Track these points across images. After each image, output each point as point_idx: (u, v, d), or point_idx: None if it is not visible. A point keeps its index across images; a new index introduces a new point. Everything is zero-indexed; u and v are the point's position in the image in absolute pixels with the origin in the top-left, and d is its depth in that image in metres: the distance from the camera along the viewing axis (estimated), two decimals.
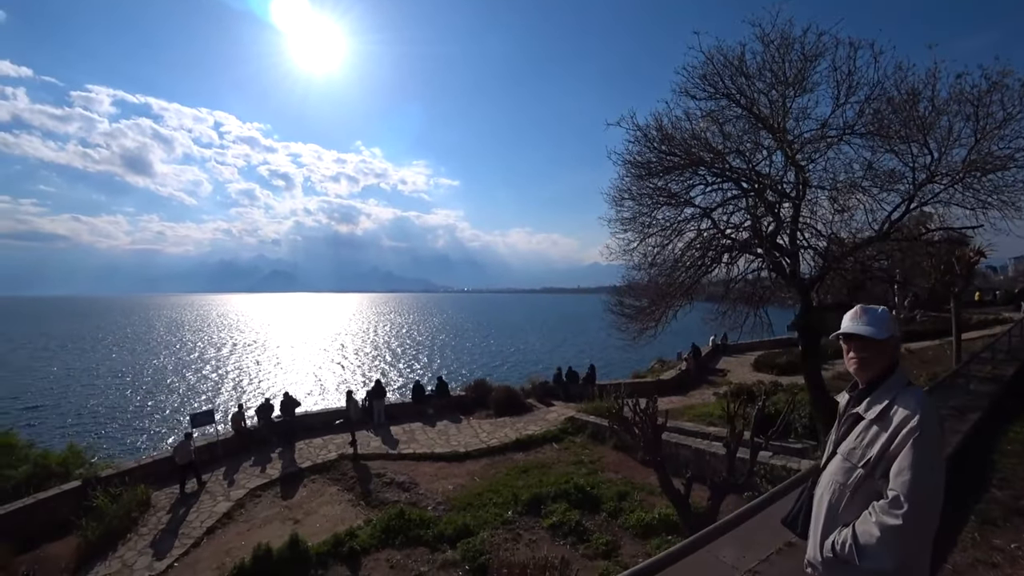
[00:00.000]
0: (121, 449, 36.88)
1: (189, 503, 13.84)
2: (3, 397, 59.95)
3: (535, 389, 23.66)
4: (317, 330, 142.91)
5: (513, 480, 13.99)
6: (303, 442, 17.79)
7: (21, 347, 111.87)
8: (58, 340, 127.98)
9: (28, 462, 15.76)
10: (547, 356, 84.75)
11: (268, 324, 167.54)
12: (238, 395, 57.02)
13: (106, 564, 11.29)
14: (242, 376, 69.85)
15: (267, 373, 72.23)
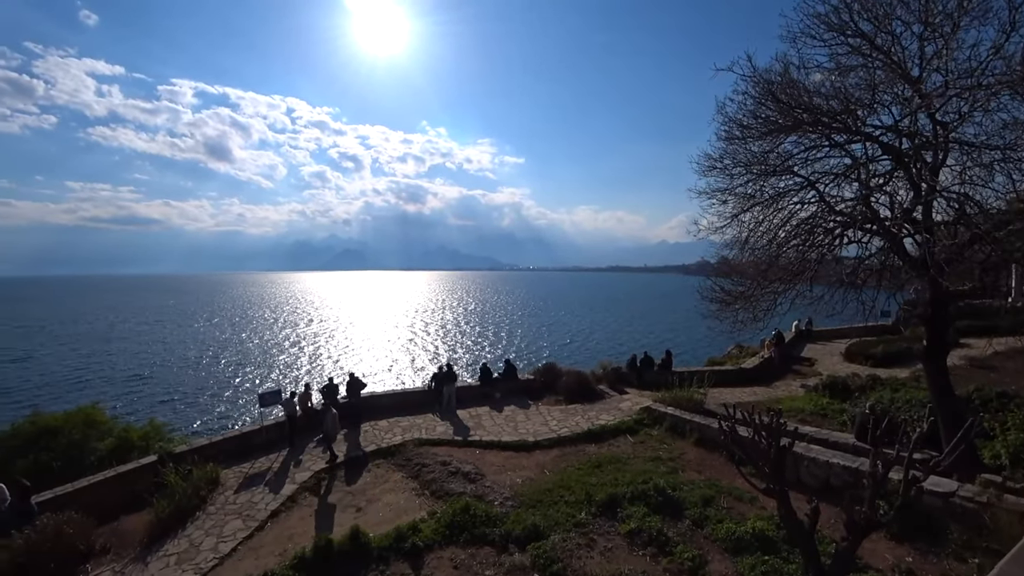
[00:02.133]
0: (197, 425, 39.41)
1: (255, 484, 14.07)
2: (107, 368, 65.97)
3: (607, 374, 22.67)
4: (385, 309, 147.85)
5: (586, 476, 13.20)
6: (369, 424, 17.83)
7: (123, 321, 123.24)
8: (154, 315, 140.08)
9: (112, 436, 16.72)
10: (615, 338, 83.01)
11: (339, 302, 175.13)
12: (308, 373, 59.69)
13: (175, 542, 11.57)
14: (313, 354, 73.10)
15: (337, 352, 75.19)
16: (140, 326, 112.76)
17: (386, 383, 53.85)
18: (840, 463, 11.72)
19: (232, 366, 65.72)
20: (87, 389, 54.23)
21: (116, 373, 63.24)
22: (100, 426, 16.93)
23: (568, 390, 20.25)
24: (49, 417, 16.99)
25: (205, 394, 52.05)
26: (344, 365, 62.90)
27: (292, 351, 75.83)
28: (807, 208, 11.44)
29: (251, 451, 16.07)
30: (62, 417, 16.91)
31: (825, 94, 10.45)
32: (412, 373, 59.58)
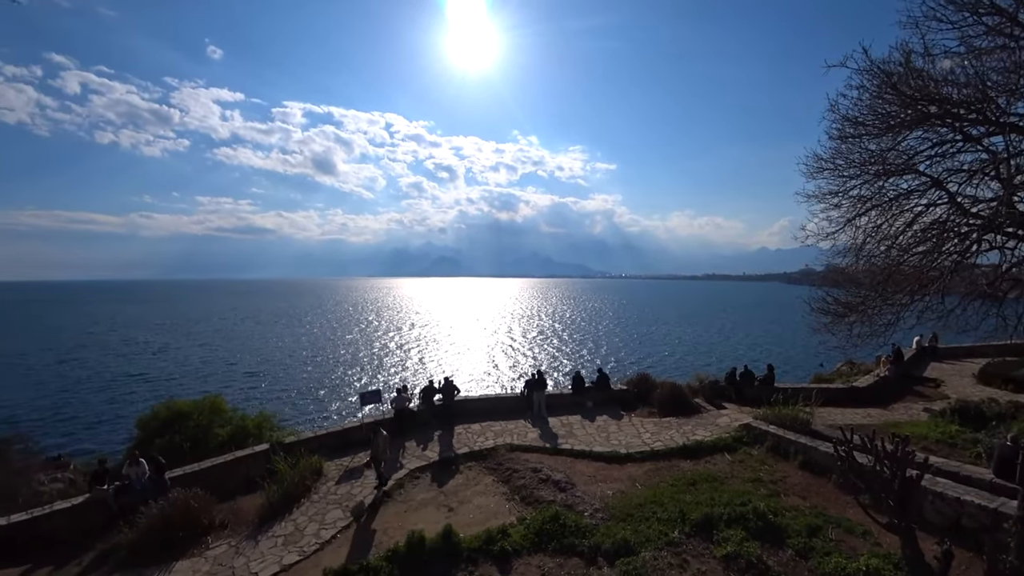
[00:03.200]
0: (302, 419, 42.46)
1: (354, 477, 14.94)
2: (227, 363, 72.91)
3: (703, 388, 21.75)
4: (479, 315, 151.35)
5: (680, 493, 12.74)
6: (462, 427, 18.35)
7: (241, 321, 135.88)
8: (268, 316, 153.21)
9: (231, 423, 18.50)
10: (712, 350, 79.42)
11: (435, 308, 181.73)
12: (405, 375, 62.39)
13: (282, 524, 12.57)
14: (412, 357, 76.33)
15: (434, 355, 77.99)
16: (256, 326, 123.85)
17: (479, 387, 55.13)
18: (975, 501, 10.41)
19: (336, 365, 70.26)
20: (211, 380, 60.49)
21: (235, 367, 69.82)
22: (222, 414, 18.84)
23: (662, 403, 19.68)
24: (181, 403, 19.20)
25: (311, 390, 56.07)
26: (440, 368, 65.20)
27: (392, 353, 79.77)
28: (934, 211, 10.33)
29: (351, 446, 17.11)
30: (191, 404, 19.04)
31: (956, 82, 9.37)
32: (505, 378, 60.52)
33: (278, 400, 49.30)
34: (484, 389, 54.13)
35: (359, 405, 18.82)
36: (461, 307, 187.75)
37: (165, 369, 70.42)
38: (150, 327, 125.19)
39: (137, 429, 19.18)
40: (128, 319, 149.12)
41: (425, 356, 76.77)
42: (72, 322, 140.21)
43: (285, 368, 68.55)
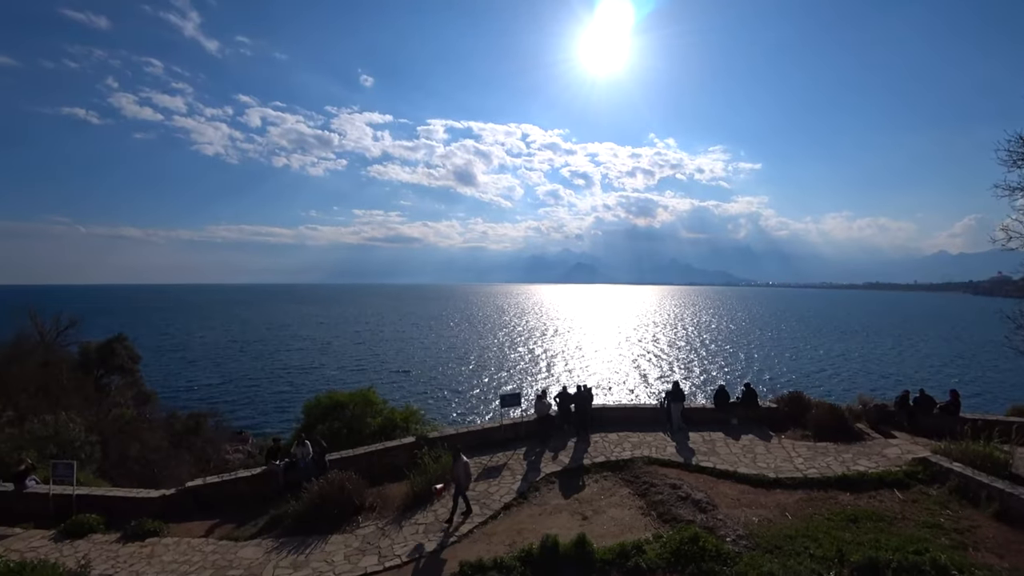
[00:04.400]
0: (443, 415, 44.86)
1: (492, 476, 15.51)
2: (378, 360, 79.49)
3: (867, 412, 19.20)
4: (617, 322, 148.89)
5: (837, 529, 11.43)
6: (598, 435, 18.20)
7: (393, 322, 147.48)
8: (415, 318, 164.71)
9: (382, 415, 20.19)
10: (877, 369, 70.51)
11: (573, 314, 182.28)
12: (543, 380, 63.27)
13: (424, 514, 13.47)
14: (549, 362, 77.26)
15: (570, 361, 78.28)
16: (404, 327, 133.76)
17: (616, 396, 54.32)
18: None
19: (477, 367, 73.53)
20: (364, 374, 66.51)
21: (386, 364, 76.00)
22: (374, 406, 20.69)
23: (818, 425, 17.77)
24: (340, 394, 21.47)
25: (453, 389, 59.27)
26: (577, 375, 65.31)
27: (531, 358, 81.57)
28: None
29: (490, 446, 17.80)
30: (348, 395, 21.19)
31: None
32: (643, 388, 59.00)
33: (422, 397, 52.81)
34: (621, 398, 53.21)
35: (499, 407, 19.51)
36: (598, 314, 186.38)
37: (327, 362, 78.89)
38: (315, 325, 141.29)
39: (303, 414, 21.76)
40: (297, 318, 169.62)
41: (562, 362, 77.38)
42: (254, 320, 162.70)
43: (430, 367, 73.22)
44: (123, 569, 11.90)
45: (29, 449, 18.04)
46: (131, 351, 43.96)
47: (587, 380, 39.15)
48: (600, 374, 66.71)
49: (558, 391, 19.45)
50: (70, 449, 19.11)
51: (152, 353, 68.63)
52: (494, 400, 51.61)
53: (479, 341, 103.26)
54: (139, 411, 34.60)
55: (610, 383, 61.06)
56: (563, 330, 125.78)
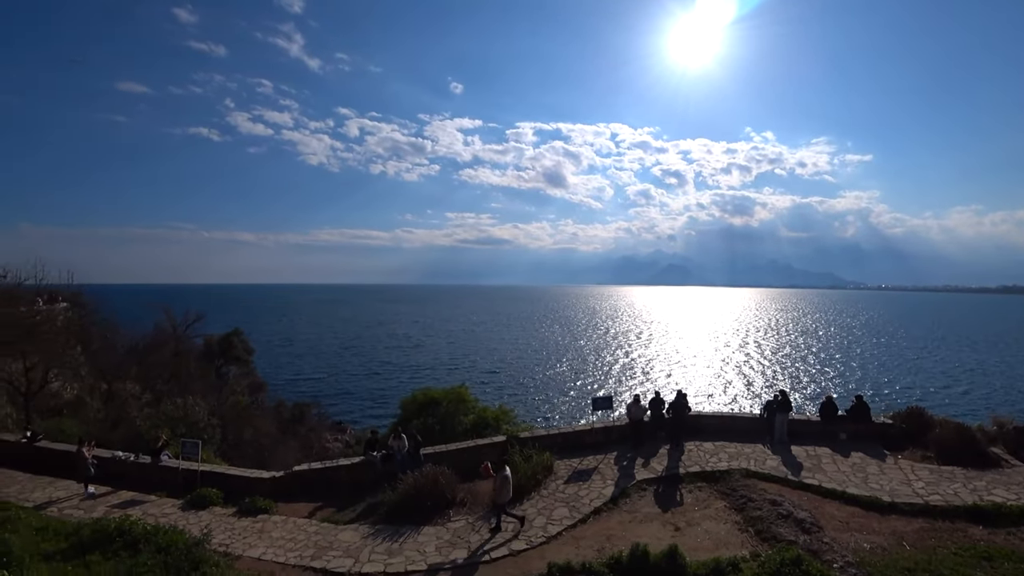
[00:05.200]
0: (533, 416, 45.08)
1: (582, 479, 15.44)
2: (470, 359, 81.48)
3: (1004, 434, 16.95)
4: (712, 326, 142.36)
5: (967, 567, 10.26)
6: (693, 444, 17.57)
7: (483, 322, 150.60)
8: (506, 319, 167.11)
9: (474, 413, 20.74)
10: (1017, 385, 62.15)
11: (665, 317, 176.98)
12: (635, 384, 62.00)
13: (513, 511, 13.61)
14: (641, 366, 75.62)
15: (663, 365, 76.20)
16: (496, 328, 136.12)
17: (712, 404, 52.20)
18: None
19: (568, 369, 73.46)
20: (457, 372, 68.40)
21: (477, 363, 77.77)
22: (467, 404, 21.34)
23: (942, 446, 15.97)
24: (434, 391, 22.38)
25: (543, 390, 59.59)
26: (670, 380, 63.44)
27: (622, 361, 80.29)
28: None
29: (581, 448, 17.71)
30: (442, 392, 22.00)
31: None
32: (740, 397, 56.28)
33: (513, 396, 53.49)
34: (717, 406, 51.02)
35: (591, 410, 19.46)
36: (692, 317, 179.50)
37: (421, 360, 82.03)
38: (410, 324, 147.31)
39: (400, 409, 22.86)
40: (393, 317, 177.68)
41: (655, 367, 75.46)
42: (354, 318, 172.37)
43: (520, 368, 74.05)
44: (238, 541, 13.06)
45: (163, 427, 20.29)
46: (246, 344, 48.28)
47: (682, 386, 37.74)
48: (695, 380, 64.30)
49: (652, 396, 19.01)
50: (196, 430, 21.24)
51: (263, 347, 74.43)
52: (584, 403, 51.33)
53: (569, 343, 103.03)
54: (252, 399, 37.87)
55: (706, 390, 58.75)
56: (656, 333, 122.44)
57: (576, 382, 64.17)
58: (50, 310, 27.73)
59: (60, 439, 19.67)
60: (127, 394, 30.73)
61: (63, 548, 11.48)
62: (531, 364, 77.11)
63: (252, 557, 12.29)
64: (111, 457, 17.70)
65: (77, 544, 11.56)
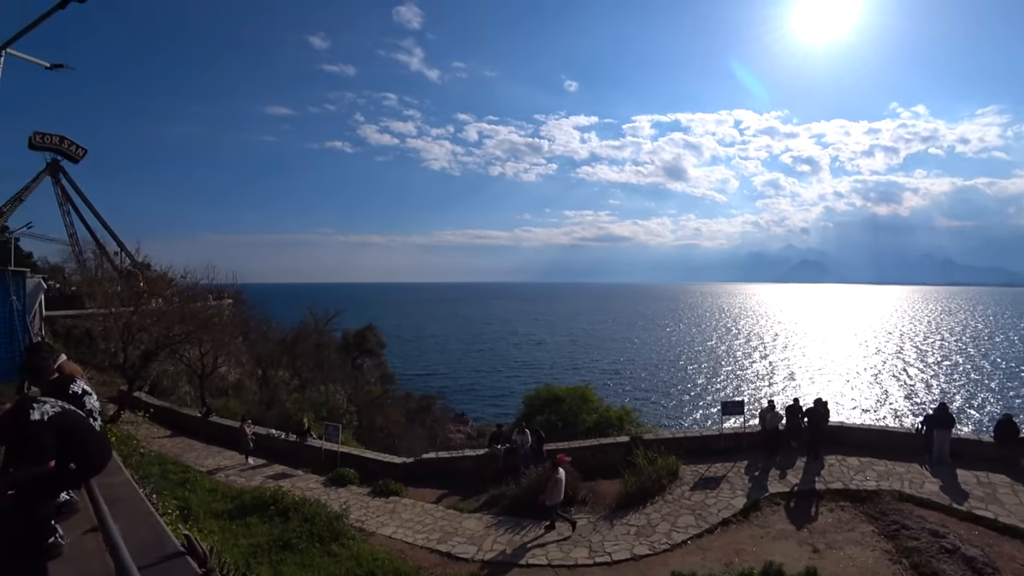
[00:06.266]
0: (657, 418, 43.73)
1: (709, 487, 14.73)
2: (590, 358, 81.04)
3: None
4: (856, 328, 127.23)
5: None
6: (834, 458, 16.00)
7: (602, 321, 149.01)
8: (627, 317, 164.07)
9: (597, 412, 20.57)
10: None
11: (799, 317, 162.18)
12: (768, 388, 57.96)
13: (635, 515, 13.38)
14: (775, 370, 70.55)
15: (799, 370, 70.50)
16: (616, 327, 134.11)
17: (857, 415, 47.31)
18: None
19: (693, 371, 70.61)
20: (577, 371, 68.32)
21: (597, 362, 77.18)
22: (590, 402, 21.23)
23: None
24: (557, 388, 22.61)
25: (667, 392, 57.79)
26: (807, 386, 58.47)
27: (753, 364, 75.53)
28: None
29: (708, 454, 16.89)
30: (566, 390, 22.13)
31: None
32: (891, 408, 50.51)
33: (634, 397, 52.36)
34: (862, 417, 46.08)
35: (720, 414, 18.53)
36: (832, 318, 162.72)
37: (541, 357, 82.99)
38: (530, 322, 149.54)
39: (523, 404, 23.31)
40: (514, 314, 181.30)
41: (791, 371, 69.99)
42: (475, 315, 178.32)
43: (641, 368, 72.38)
44: (372, 518, 14.10)
45: (308, 411, 22.43)
46: (379, 338, 51.99)
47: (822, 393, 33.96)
48: (837, 388, 58.53)
49: (789, 403, 17.64)
50: (336, 415, 23.19)
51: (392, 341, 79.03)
52: (711, 407, 48.93)
53: (693, 343, 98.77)
54: (384, 389, 40.64)
55: (850, 399, 53.30)
56: (789, 335, 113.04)
57: (702, 385, 61.41)
58: (219, 305, 31.69)
59: (226, 415, 22.64)
60: (278, 380, 34.32)
61: (229, 508, 13.09)
62: (653, 365, 75.02)
63: (384, 535, 13.20)
64: (266, 434, 20.06)
65: (240, 507, 13.13)
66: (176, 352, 24.76)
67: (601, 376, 64.63)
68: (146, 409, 20.07)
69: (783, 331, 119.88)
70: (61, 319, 30.26)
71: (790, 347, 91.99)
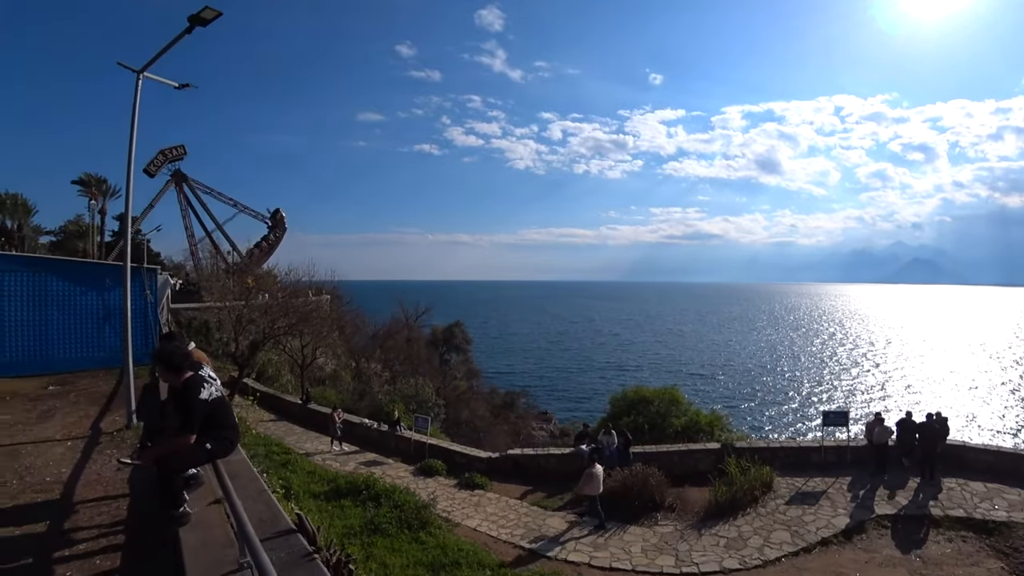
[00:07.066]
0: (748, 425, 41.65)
1: (807, 502, 13.84)
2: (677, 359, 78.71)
3: None
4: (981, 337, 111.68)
5: None
6: (953, 481, 14.50)
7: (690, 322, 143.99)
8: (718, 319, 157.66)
9: (686, 416, 19.97)
10: None
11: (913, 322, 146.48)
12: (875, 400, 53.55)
13: (725, 527, 12.83)
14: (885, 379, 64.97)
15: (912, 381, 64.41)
16: (704, 328, 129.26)
17: (983, 435, 42.46)
18: None
19: (789, 376, 66.72)
20: (664, 372, 66.55)
21: (685, 364, 74.80)
22: (678, 406, 20.65)
23: None
24: (645, 390, 22.17)
25: (760, 398, 55.00)
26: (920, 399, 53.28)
27: (860, 371, 70.03)
28: None
29: (806, 468, 15.86)
30: (654, 392, 21.66)
31: None
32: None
33: (725, 402, 50.23)
34: (991, 439, 41.20)
35: (821, 425, 17.43)
36: (952, 323, 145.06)
37: (626, 358, 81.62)
38: (616, 322, 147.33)
39: (609, 405, 23.09)
40: (599, 314, 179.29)
41: (903, 381, 64.13)
42: (560, 314, 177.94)
43: (732, 372, 69.38)
44: (458, 510, 14.46)
45: (399, 402, 23.38)
46: (465, 335, 53.45)
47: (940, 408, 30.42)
48: (963, 404, 52.71)
49: (902, 417, 16.22)
50: (424, 407, 24.00)
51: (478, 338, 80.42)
52: (809, 417, 45.98)
53: (791, 348, 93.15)
54: (469, 384, 41.60)
55: (978, 418, 47.91)
56: (904, 341, 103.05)
57: (801, 393, 57.78)
58: (319, 301, 33.81)
59: (323, 403, 24.10)
60: (371, 372, 36.01)
61: (325, 491, 13.88)
62: (746, 369, 71.58)
63: (469, 527, 13.50)
64: (359, 423, 21.18)
65: (334, 490, 13.89)
66: (280, 343, 26.74)
67: (689, 379, 62.49)
68: (253, 394, 21.87)
69: (896, 337, 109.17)
70: (184, 311, 33.39)
71: (905, 355, 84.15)
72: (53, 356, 13.91)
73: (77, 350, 14.30)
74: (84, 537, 5.49)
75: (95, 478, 7.16)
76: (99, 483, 6.99)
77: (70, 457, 7.95)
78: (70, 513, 6.10)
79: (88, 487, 6.86)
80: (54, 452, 8.19)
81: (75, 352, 14.24)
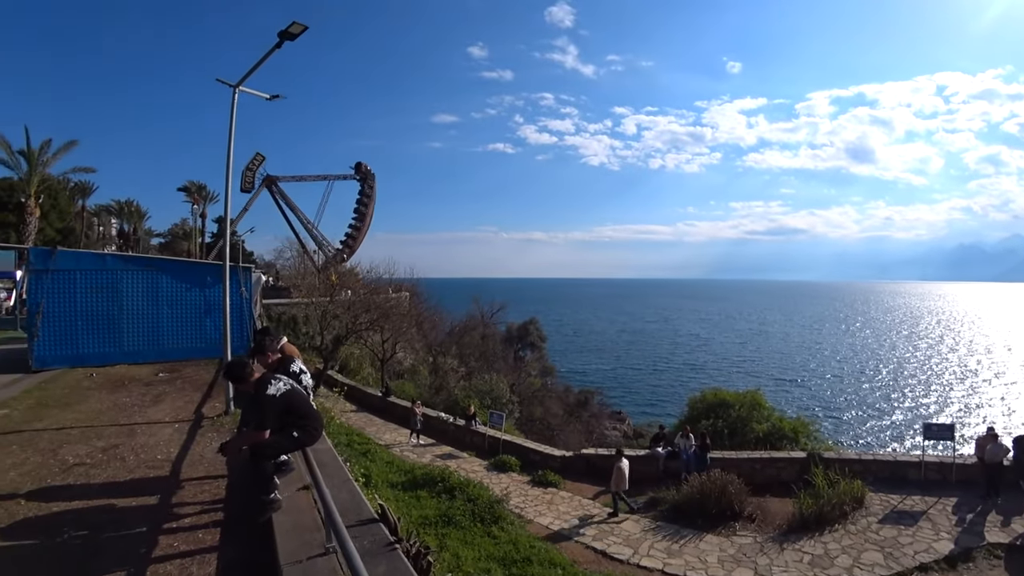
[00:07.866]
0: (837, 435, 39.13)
1: (903, 522, 12.88)
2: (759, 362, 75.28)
3: None
4: None
5: None
6: None
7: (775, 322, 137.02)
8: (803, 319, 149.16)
9: (768, 421, 19.14)
10: None
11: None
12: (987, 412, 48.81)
13: (810, 542, 12.10)
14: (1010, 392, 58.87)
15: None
16: (790, 329, 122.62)
17: None
18: None
19: (885, 383, 62.20)
20: (745, 375, 63.80)
21: (768, 367, 71.38)
22: (761, 410, 19.78)
23: None
24: (726, 393, 21.49)
25: (850, 405, 51.63)
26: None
27: (974, 381, 63.79)
28: None
29: (903, 484, 14.70)
30: (735, 395, 20.94)
31: None
32: None
33: (811, 408, 47.57)
34: None
35: (921, 439, 16.18)
36: None
37: (705, 359, 78.99)
38: (695, 321, 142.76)
39: (687, 407, 22.49)
40: (677, 312, 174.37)
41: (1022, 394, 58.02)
42: (637, 312, 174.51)
43: (822, 376, 65.57)
44: (530, 506, 14.60)
45: (474, 398, 23.90)
46: (540, 332, 53.64)
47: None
48: None
49: (1020, 434, 14.74)
50: (499, 403, 24.39)
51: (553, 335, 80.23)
52: (908, 429, 42.65)
53: (888, 352, 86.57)
54: (543, 381, 41.73)
55: None
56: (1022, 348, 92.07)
57: (898, 401, 53.64)
58: (398, 297, 35.14)
59: (401, 396, 25.03)
60: (447, 367, 36.94)
61: (402, 481, 14.39)
62: (836, 374, 67.31)
63: (541, 524, 13.58)
64: (435, 416, 21.85)
65: (411, 480, 14.37)
66: (361, 338, 28.01)
67: (773, 383, 59.53)
68: (341, 388, 23.09)
69: (1017, 343, 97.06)
70: (275, 306, 35.62)
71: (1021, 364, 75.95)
72: (164, 346, 15.44)
73: (183, 341, 15.74)
74: (188, 512, 6.00)
75: (198, 459, 7.79)
76: (201, 463, 7.60)
77: (177, 438, 8.70)
78: (176, 489, 6.67)
79: (192, 466, 7.47)
80: (164, 433, 8.99)
81: (181, 343, 15.69)
